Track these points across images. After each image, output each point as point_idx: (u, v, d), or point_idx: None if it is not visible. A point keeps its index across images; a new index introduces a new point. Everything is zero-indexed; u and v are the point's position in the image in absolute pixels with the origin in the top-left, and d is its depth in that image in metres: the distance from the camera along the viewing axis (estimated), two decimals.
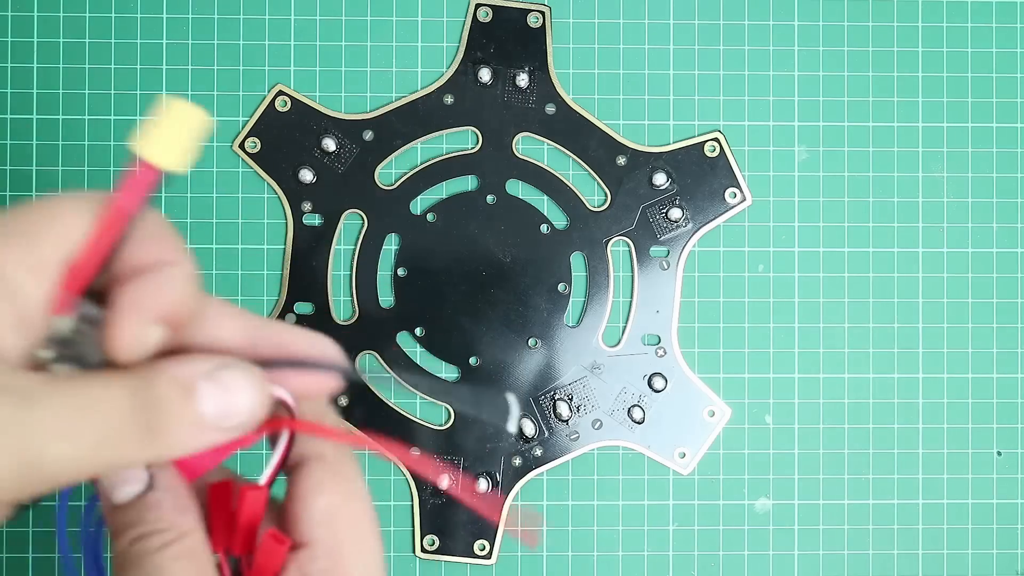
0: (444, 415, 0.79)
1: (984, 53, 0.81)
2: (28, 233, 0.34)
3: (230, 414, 0.35)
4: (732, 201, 0.79)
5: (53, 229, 0.34)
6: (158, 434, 0.34)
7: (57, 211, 0.35)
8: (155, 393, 0.34)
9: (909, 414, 0.80)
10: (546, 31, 0.79)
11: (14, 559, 0.78)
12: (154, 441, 0.34)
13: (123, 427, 0.33)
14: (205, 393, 0.35)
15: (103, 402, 0.33)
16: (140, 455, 0.34)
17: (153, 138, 0.34)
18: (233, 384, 0.35)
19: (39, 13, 0.78)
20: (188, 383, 0.35)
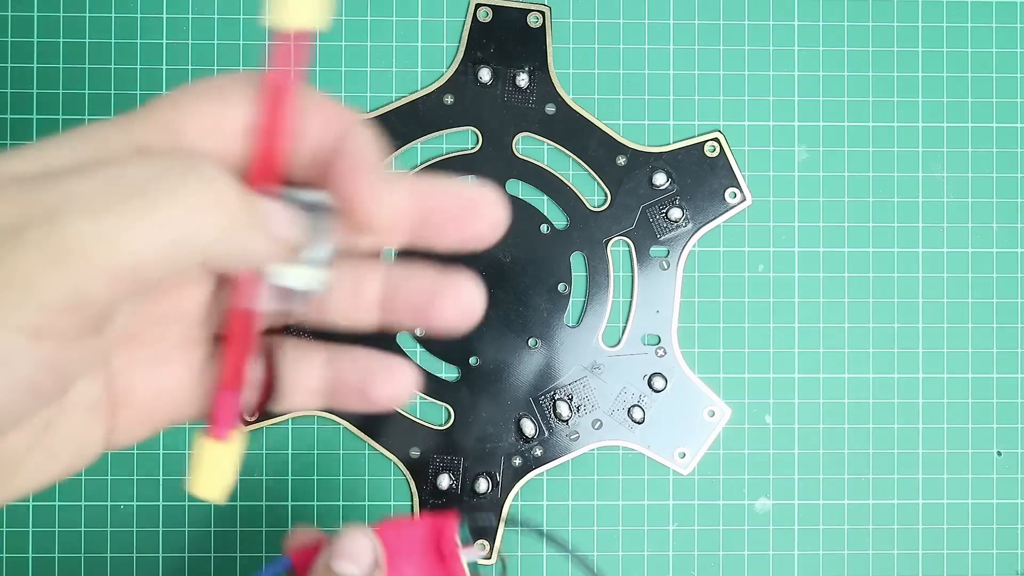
0: (444, 415, 0.79)
1: (984, 53, 0.81)
2: (172, 127, 0.33)
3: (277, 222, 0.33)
4: (732, 201, 0.79)
5: (194, 123, 0.34)
6: (265, 219, 0.33)
7: (194, 102, 0.34)
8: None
9: (909, 414, 0.80)
10: (546, 31, 0.79)
11: (14, 559, 0.78)
12: (260, 227, 0.33)
13: (236, 217, 0.32)
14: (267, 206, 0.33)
15: (208, 194, 0.31)
16: (259, 245, 0.33)
17: (282, 3, 0.33)
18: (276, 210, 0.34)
19: (39, 13, 0.78)
20: None
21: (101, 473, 0.78)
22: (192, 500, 0.78)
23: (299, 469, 0.78)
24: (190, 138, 0.33)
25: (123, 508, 0.78)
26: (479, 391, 0.78)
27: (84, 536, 0.78)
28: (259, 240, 0.33)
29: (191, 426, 0.78)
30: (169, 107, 0.34)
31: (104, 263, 0.29)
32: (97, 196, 0.29)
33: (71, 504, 0.78)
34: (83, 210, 0.29)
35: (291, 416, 0.78)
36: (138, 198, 0.30)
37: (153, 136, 0.33)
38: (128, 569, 0.78)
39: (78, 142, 0.32)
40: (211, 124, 0.34)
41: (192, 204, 0.30)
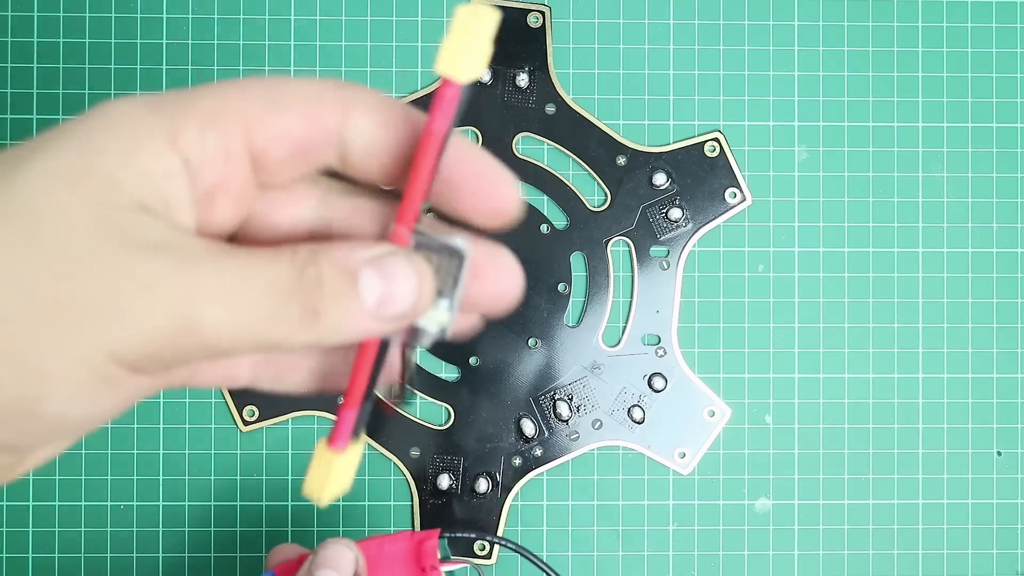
0: (444, 415, 0.79)
1: (984, 53, 0.81)
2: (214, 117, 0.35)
3: (391, 303, 0.35)
4: (732, 201, 0.79)
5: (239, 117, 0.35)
6: (318, 316, 0.34)
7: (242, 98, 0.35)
8: (318, 273, 0.34)
9: (909, 414, 0.80)
10: (546, 31, 0.79)
11: (14, 559, 0.78)
12: (313, 323, 0.34)
13: (284, 303, 0.33)
14: (368, 280, 0.34)
15: (266, 274, 0.33)
16: (298, 335, 0.34)
17: (450, 52, 0.34)
18: (397, 273, 0.35)
19: (39, 13, 0.78)
20: (352, 268, 0.34)
21: (101, 473, 0.78)
22: (192, 500, 0.78)
23: (299, 469, 0.79)
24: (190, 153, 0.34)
25: (123, 508, 0.78)
26: (479, 391, 0.78)
27: (84, 536, 0.78)
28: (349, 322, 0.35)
29: (190, 426, 0.78)
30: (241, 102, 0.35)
31: (210, 342, 0.33)
32: (227, 286, 0.33)
33: (71, 504, 0.78)
34: (213, 297, 0.32)
35: (291, 416, 0.78)
36: (254, 302, 0.33)
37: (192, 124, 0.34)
38: (128, 569, 0.78)
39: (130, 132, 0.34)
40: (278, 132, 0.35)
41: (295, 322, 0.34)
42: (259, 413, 0.78)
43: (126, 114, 0.34)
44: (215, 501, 0.78)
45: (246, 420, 0.78)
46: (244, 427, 0.78)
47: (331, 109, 0.36)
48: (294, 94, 0.35)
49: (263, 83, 0.36)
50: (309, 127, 0.36)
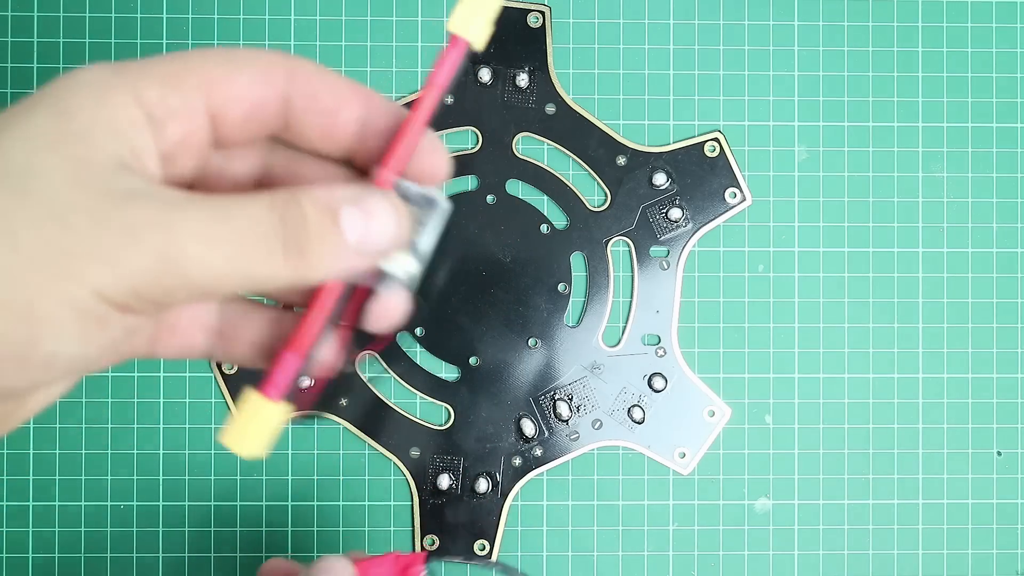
0: (444, 415, 0.79)
1: (984, 53, 0.81)
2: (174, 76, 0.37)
3: (372, 239, 0.37)
4: (732, 201, 0.79)
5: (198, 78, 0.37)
6: (301, 253, 0.36)
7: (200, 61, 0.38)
8: (300, 212, 0.36)
9: (909, 414, 0.80)
10: (546, 31, 0.79)
11: (14, 559, 0.78)
12: (298, 259, 0.36)
13: (265, 241, 0.35)
14: (348, 217, 0.36)
15: (246, 213, 0.35)
16: (282, 272, 0.36)
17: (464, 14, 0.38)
18: (376, 210, 0.37)
19: (39, 13, 0.78)
20: (333, 206, 0.36)
21: (101, 473, 0.78)
22: (192, 500, 0.78)
23: (299, 469, 0.79)
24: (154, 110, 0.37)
25: (123, 508, 0.78)
26: (479, 391, 0.78)
27: (84, 536, 0.78)
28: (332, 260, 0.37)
29: (190, 426, 0.78)
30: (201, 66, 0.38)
31: (195, 280, 0.34)
32: (207, 226, 0.34)
33: (71, 504, 0.78)
34: (195, 235, 0.34)
35: (292, 416, 0.78)
36: (235, 239, 0.35)
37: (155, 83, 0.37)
38: (128, 569, 0.78)
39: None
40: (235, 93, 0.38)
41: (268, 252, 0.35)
42: None
43: (91, 78, 0.36)
44: (215, 501, 0.78)
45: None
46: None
47: (280, 74, 0.38)
48: (249, 59, 0.38)
49: (220, 51, 0.38)
50: (262, 89, 0.38)
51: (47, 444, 0.78)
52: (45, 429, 0.78)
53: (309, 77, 0.39)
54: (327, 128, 0.40)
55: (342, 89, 0.40)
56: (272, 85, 0.39)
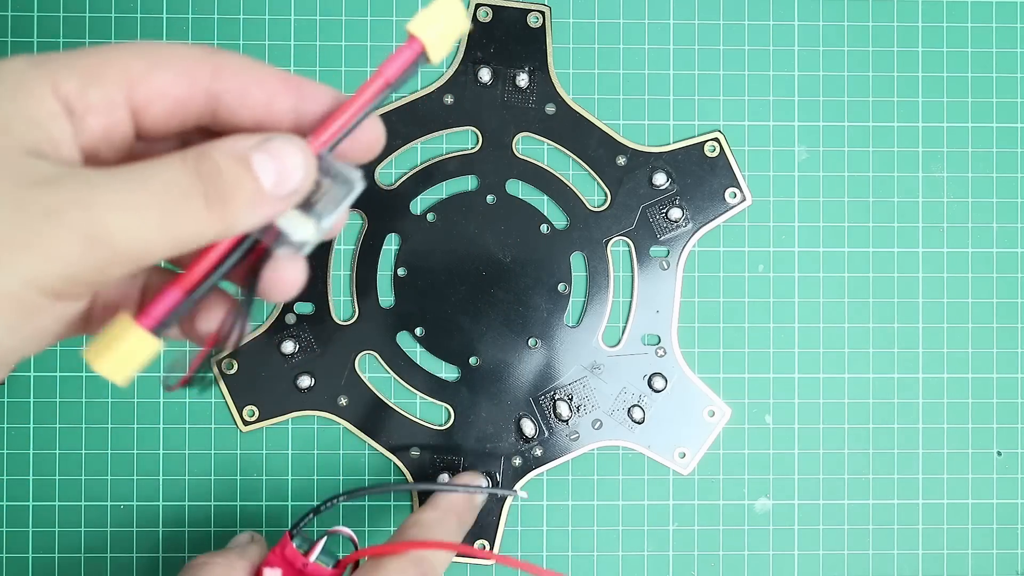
0: (444, 415, 0.79)
1: (984, 53, 0.81)
2: (96, 71, 0.38)
3: (285, 180, 0.38)
4: (732, 201, 0.79)
5: (120, 73, 0.38)
6: (222, 204, 0.37)
7: (122, 56, 0.38)
8: (214, 165, 0.37)
9: (909, 414, 0.80)
10: (546, 31, 0.79)
11: (14, 559, 0.78)
12: (220, 211, 0.36)
13: (186, 198, 0.36)
14: (259, 163, 0.37)
15: (162, 175, 0.36)
16: (207, 227, 0.36)
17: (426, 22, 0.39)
18: (283, 152, 0.38)
19: (39, 13, 0.78)
20: (242, 155, 0.37)
21: (101, 473, 0.78)
22: (192, 500, 0.78)
23: (299, 469, 0.79)
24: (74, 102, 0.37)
25: (123, 508, 0.78)
26: (479, 391, 0.78)
27: (84, 536, 0.78)
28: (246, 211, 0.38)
29: (190, 426, 0.78)
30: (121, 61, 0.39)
31: (124, 251, 0.35)
32: (126, 195, 0.35)
33: (71, 504, 0.78)
34: (116, 207, 0.34)
35: (291, 416, 0.78)
36: (156, 203, 0.35)
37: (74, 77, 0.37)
38: (128, 569, 0.78)
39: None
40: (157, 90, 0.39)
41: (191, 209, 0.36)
42: (259, 413, 0.78)
43: (9, 70, 0.36)
44: (215, 501, 0.78)
45: (246, 420, 0.78)
46: (244, 427, 0.78)
47: (204, 71, 0.39)
48: (172, 56, 0.39)
49: (143, 45, 0.39)
50: (186, 86, 0.39)
51: (47, 444, 0.78)
52: (45, 429, 0.78)
53: (236, 72, 0.40)
54: (259, 120, 0.41)
55: (271, 81, 0.40)
56: (196, 81, 0.39)
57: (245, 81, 0.40)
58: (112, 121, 0.38)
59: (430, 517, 0.68)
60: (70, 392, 0.78)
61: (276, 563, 0.63)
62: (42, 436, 0.78)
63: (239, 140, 0.38)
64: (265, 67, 0.41)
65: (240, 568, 0.62)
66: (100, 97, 0.37)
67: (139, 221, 0.34)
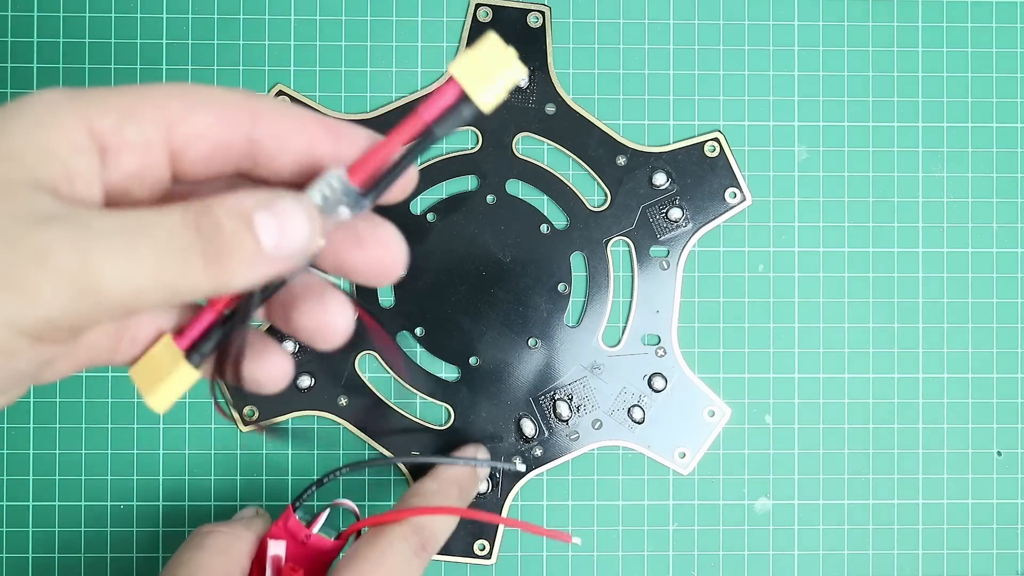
0: (444, 415, 0.79)
1: (984, 53, 0.81)
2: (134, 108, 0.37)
3: (287, 243, 0.37)
4: (732, 201, 0.79)
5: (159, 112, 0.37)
6: (219, 261, 0.35)
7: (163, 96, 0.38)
8: (214, 221, 0.35)
9: (909, 414, 0.80)
10: (546, 31, 0.79)
11: (14, 559, 0.78)
12: (216, 269, 0.35)
13: (184, 252, 0.35)
14: (262, 222, 0.36)
15: (160, 226, 0.34)
16: (202, 283, 0.35)
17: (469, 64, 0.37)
18: (288, 213, 0.37)
19: (39, 13, 0.78)
20: (245, 212, 0.36)
21: (101, 473, 0.78)
22: (192, 500, 0.78)
23: (299, 469, 0.79)
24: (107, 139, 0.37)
25: (123, 508, 0.78)
26: (479, 391, 0.78)
27: (84, 536, 0.78)
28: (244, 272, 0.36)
29: (190, 426, 0.78)
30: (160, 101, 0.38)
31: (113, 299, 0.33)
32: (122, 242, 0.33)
33: (71, 504, 0.78)
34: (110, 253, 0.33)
35: (291, 416, 0.78)
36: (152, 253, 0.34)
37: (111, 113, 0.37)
38: (128, 569, 0.78)
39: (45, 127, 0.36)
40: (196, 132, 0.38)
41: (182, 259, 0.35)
42: (259, 413, 0.78)
43: (43, 100, 0.36)
44: (215, 501, 0.78)
45: (245, 419, 0.78)
46: (244, 427, 0.78)
47: (244, 116, 0.38)
48: (211, 98, 0.38)
49: (182, 87, 0.38)
50: (225, 130, 0.38)
51: (47, 444, 0.78)
52: (45, 429, 0.78)
53: (276, 118, 0.39)
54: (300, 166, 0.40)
55: (312, 127, 0.40)
56: (236, 126, 0.38)
57: (286, 127, 0.39)
58: (148, 161, 0.37)
59: (431, 487, 0.68)
60: (70, 392, 0.78)
61: (280, 535, 0.63)
62: (42, 436, 0.78)
63: (245, 197, 0.36)
64: (305, 113, 0.40)
65: (245, 539, 0.62)
66: (137, 135, 0.37)
67: (132, 270, 0.33)
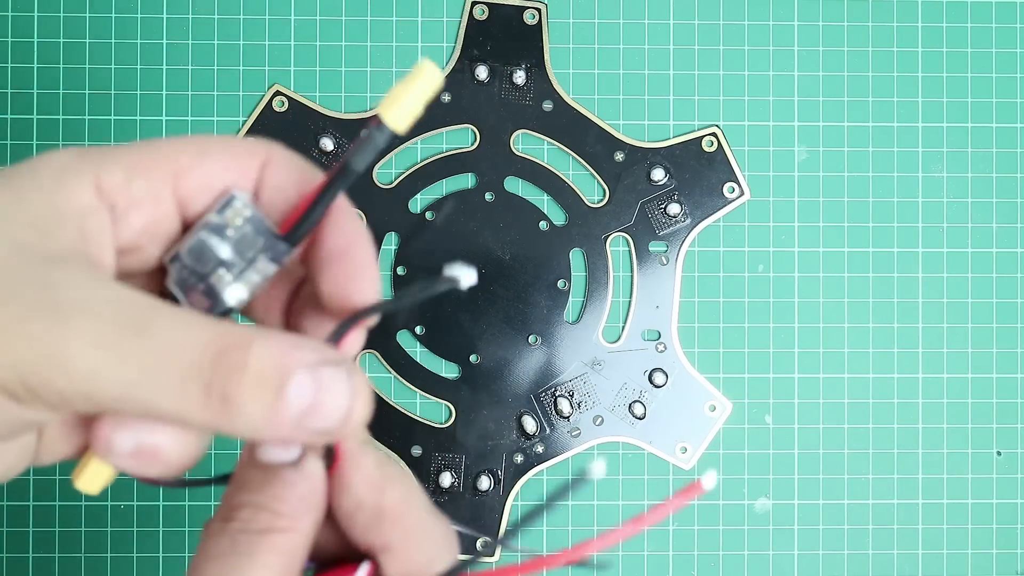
0: (445, 413, 0.79)
1: (984, 53, 0.81)
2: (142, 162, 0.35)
3: (316, 417, 0.33)
4: (730, 196, 0.79)
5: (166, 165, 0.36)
6: (227, 404, 0.32)
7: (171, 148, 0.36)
8: (243, 359, 0.32)
9: (909, 414, 0.80)
10: (542, 28, 0.79)
11: (14, 559, 0.78)
12: (220, 410, 0.32)
13: (186, 378, 0.31)
14: (299, 384, 0.32)
15: (175, 334, 0.32)
16: (197, 416, 0.32)
17: (395, 101, 0.34)
18: (332, 386, 0.33)
19: (39, 13, 0.78)
20: (287, 367, 0.32)
21: None
22: (192, 500, 0.78)
23: None
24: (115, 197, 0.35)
25: (123, 508, 0.78)
26: (480, 389, 0.78)
27: (84, 536, 0.78)
28: None
29: None
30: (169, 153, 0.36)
31: (84, 392, 0.31)
32: (108, 334, 0.31)
33: (71, 504, 0.78)
34: (90, 343, 0.31)
35: None
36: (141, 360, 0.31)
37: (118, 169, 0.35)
38: (128, 569, 0.78)
39: None
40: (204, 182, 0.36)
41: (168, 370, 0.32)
42: None
43: (53, 159, 0.35)
44: (215, 501, 0.78)
45: None
46: None
47: (253, 163, 0.37)
48: (220, 147, 0.37)
49: (191, 138, 0.37)
50: (233, 178, 0.36)
51: None
52: None
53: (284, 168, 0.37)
54: None
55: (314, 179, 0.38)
56: (244, 174, 0.37)
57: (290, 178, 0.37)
58: (156, 216, 0.36)
59: None
60: None
61: None
62: None
63: (300, 350, 0.33)
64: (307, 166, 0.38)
65: None
66: (144, 191, 0.35)
67: (111, 373, 0.31)
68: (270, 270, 0.36)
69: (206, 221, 0.36)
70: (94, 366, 0.31)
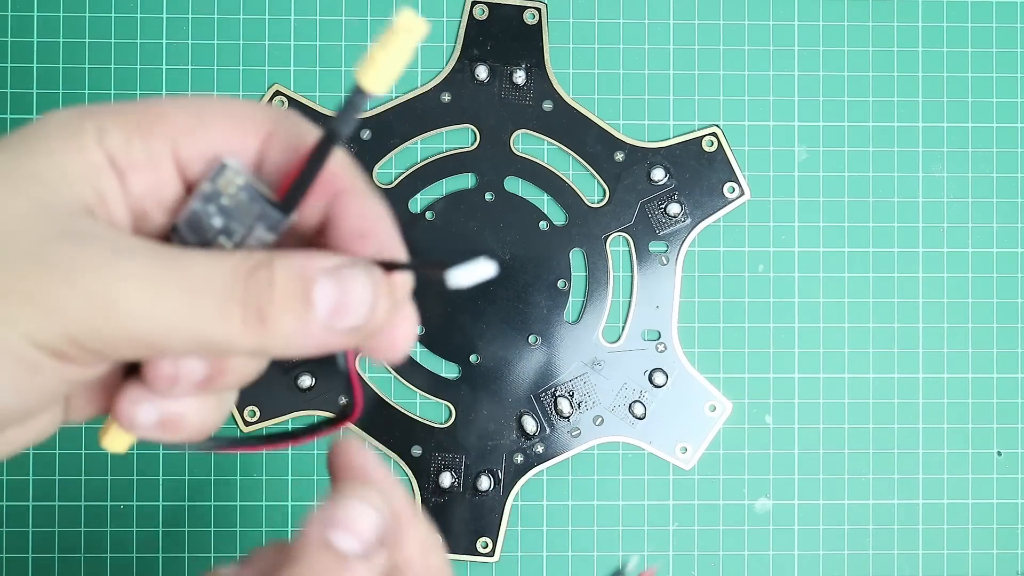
0: (445, 413, 0.79)
1: (984, 53, 0.81)
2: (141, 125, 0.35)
3: (344, 315, 0.34)
4: (730, 195, 0.79)
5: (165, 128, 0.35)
6: (263, 320, 0.33)
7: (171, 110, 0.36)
8: (270, 276, 0.33)
9: (909, 414, 0.80)
10: (542, 27, 0.79)
11: (14, 559, 0.78)
12: (258, 327, 0.33)
13: (221, 303, 0.33)
14: (323, 287, 0.34)
15: (206, 266, 0.33)
16: (238, 338, 0.33)
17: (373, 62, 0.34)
18: (354, 284, 0.34)
19: (39, 13, 0.78)
20: (309, 274, 0.34)
21: (101, 473, 0.78)
22: (192, 500, 0.78)
23: (299, 469, 0.78)
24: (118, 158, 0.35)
25: (123, 508, 0.78)
26: (480, 389, 0.78)
27: (84, 536, 0.78)
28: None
29: None
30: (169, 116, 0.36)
31: (133, 333, 0.32)
32: (152, 275, 0.32)
33: (71, 504, 0.78)
34: (136, 285, 0.32)
35: (291, 416, 0.78)
36: (184, 296, 0.33)
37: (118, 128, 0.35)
38: (128, 569, 0.78)
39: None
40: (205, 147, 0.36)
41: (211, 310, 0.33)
42: (260, 413, 0.78)
43: (58, 119, 0.35)
44: (215, 501, 0.78)
45: (247, 420, 0.78)
46: (244, 427, 0.78)
47: (253, 130, 0.37)
48: (220, 113, 0.36)
49: (192, 100, 0.37)
50: (235, 144, 0.36)
51: (47, 444, 0.78)
52: None
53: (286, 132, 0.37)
54: None
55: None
56: (246, 139, 0.37)
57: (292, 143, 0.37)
58: (158, 179, 0.36)
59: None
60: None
61: None
62: None
63: (315, 258, 0.34)
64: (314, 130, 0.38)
65: None
66: (143, 153, 0.35)
67: (159, 305, 0.32)
68: (268, 239, 0.36)
69: (200, 190, 0.36)
70: (139, 305, 0.32)
